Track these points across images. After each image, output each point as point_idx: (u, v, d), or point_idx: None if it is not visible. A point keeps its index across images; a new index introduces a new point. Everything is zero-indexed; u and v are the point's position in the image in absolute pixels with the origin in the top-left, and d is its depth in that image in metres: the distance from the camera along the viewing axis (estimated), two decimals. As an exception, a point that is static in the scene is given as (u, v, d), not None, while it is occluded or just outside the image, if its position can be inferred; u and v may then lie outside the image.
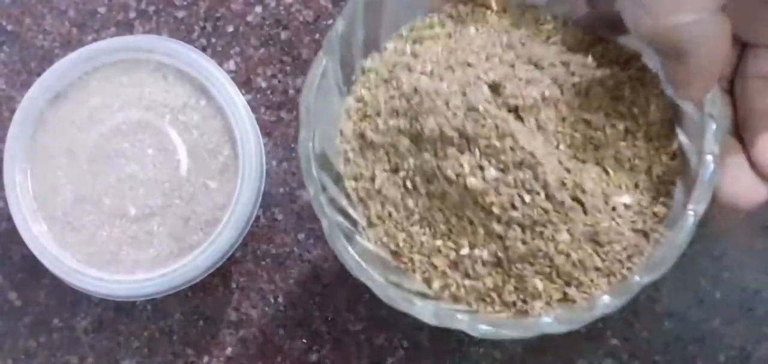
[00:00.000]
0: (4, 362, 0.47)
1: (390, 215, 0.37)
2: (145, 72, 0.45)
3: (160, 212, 0.44)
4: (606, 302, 0.35)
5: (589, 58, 0.37)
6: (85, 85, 0.44)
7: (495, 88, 0.36)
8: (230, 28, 0.49)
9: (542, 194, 0.35)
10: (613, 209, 0.36)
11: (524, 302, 0.36)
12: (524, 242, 0.35)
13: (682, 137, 0.37)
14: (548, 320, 0.35)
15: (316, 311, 0.47)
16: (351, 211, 0.37)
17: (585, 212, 0.35)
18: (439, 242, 0.36)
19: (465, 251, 0.36)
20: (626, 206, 0.36)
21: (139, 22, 0.49)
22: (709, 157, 0.34)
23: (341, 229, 0.36)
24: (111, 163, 0.44)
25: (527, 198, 0.35)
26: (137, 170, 0.44)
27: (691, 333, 0.47)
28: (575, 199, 0.35)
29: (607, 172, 0.36)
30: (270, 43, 0.49)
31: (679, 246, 0.34)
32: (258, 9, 0.49)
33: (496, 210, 0.35)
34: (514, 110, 0.36)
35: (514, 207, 0.35)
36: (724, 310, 0.47)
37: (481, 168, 0.35)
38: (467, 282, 0.36)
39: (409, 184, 0.37)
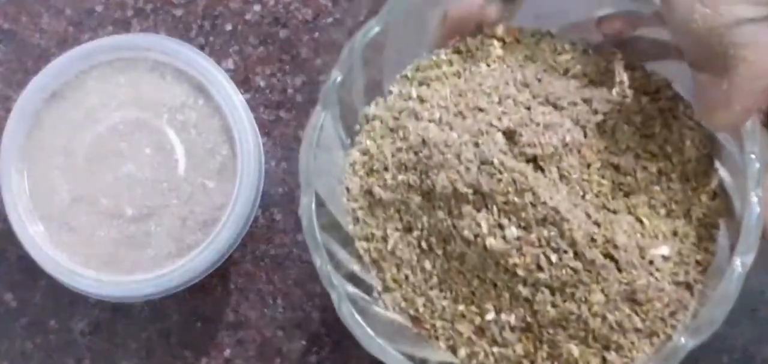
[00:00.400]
0: (0, 364, 0.47)
1: (407, 278, 0.34)
2: (142, 71, 0.44)
3: (158, 213, 0.43)
4: None
5: (614, 92, 0.34)
6: (81, 84, 0.44)
7: (510, 135, 0.33)
8: (228, 27, 0.49)
9: (570, 253, 0.32)
10: (651, 262, 0.32)
11: None
12: (554, 305, 0.32)
13: (722, 173, 0.33)
14: None
15: (315, 313, 0.47)
16: (364, 276, 0.35)
17: (619, 269, 0.32)
18: (461, 307, 0.34)
19: (490, 315, 0.33)
20: (665, 258, 0.33)
21: (137, 21, 0.49)
22: (755, 200, 0.31)
23: (353, 299, 0.33)
24: (108, 163, 0.44)
25: (554, 258, 0.32)
26: (134, 170, 0.44)
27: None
28: (607, 255, 0.32)
29: (640, 222, 0.33)
30: (269, 41, 0.49)
31: (728, 300, 0.31)
32: (256, 7, 0.49)
33: (520, 272, 0.32)
34: (533, 160, 0.33)
35: (539, 268, 0.32)
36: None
37: (501, 227, 0.32)
38: (496, 349, 0.33)
39: (424, 244, 0.34)
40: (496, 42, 0.36)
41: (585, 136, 0.33)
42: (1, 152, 0.43)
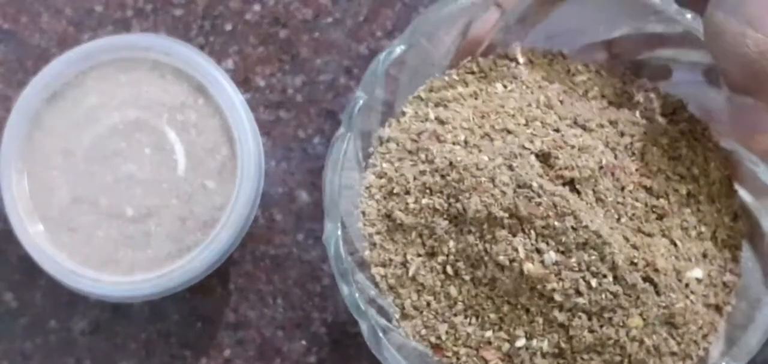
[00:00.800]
0: (0, 364, 0.47)
1: (428, 304, 0.33)
2: (142, 71, 0.44)
3: (158, 213, 0.43)
4: None
5: (637, 114, 0.34)
6: (81, 84, 0.44)
7: (545, 158, 0.32)
8: (228, 27, 0.49)
9: (610, 277, 0.31)
10: (687, 285, 0.32)
11: None
12: (591, 331, 0.32)
13: (743, 194, 0.33)
14: None
15: (315, 313, 0.47)
16: (381, 301, 0.34)
17: (658, 293, 0.32)
18: (488, 333, 0.33)
19: (521, 342, 0.32)
20: (698, 280, 0.32)
21: (137, 21, 0.49)
22: None
23: (378, 325, 0.32)
24: (108, 163, 0.43)
25: (594, 282, 0.31)
26: (134, 170, 0.43)
27: None
28: (647, 279, 0.32)
29: (675, 244, 0.33)
30: (269, 41, 0.49)
31: (765, 326, 0.31)
32: (256, 7, 0.49)
33: (557, 297, 0.31)
34: (570, 183, 0.32)
35: (578, 293, 0.31)
36: (728, 311, 0.46)
37: (539, 251, 0.31)
38: None
39: (449, 269, 0.33)
40: (510, 62, 0.36)
41: (616, 158, 0.33)
42: (1, 152, 0.43)
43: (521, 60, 0.36)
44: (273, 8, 0.49)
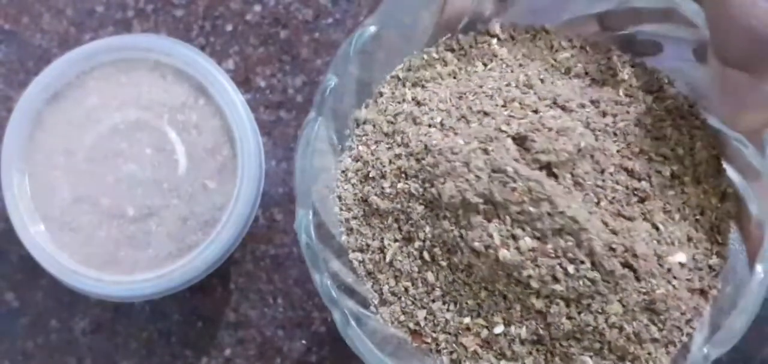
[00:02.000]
0: (2, 363, 0.47)
1: (406, 290, 0.33)
2: (143, 71, 0.44)
3: (159, 213, 0.43)
4: None
5: (621, 92, 0.33)
6: (82, 85, 0.44)
7: (521, 141, 0.31)
8: (229, 27, 0.49)
9: (588, 263, 0.30)
10: (669, 270, 0.31)
11: None
12: (569, 318, 0.31)
13: (731, 174, 0.32)
14: None
15: (315, 312, 0.47)
16: (359, 288, 0.33)
17: (638, 279, 0.31)
18: (467, 320, 0.32)
19: (499, 329, 0.32)
20: (682, 265, 0.31)
21: (138, 21, 0.49)
22: None
23: (352, 313, 0.31)
24: (109, 163, 0.44)
25: (571, 269, 0.30)
26: (135, 170, 0.44)
27: None
28: (626, 265, 0.30)
29: (656, 228, 0.31)
30: (269, 42, 0.49)
31: (750, 309, 0.30)
32: (257, 8, 0.49)
33: (534, 284, 0.30)
34: (547, 167, 0.31)
35: (555, 280, 0.30)
36: (727, 311, 0.46)
37: (514, 237, 0.30)
38: (504, 363, 0.32)
39: (426, 255, 0.32)
40: (491, 39, 0.35)
41: (596, 139, 0.32)
42: (3, 153, 0.43)
43: (502, 37, 0.35)
44: (273, 9, 0.49)
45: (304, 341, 0.47)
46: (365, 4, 0.49)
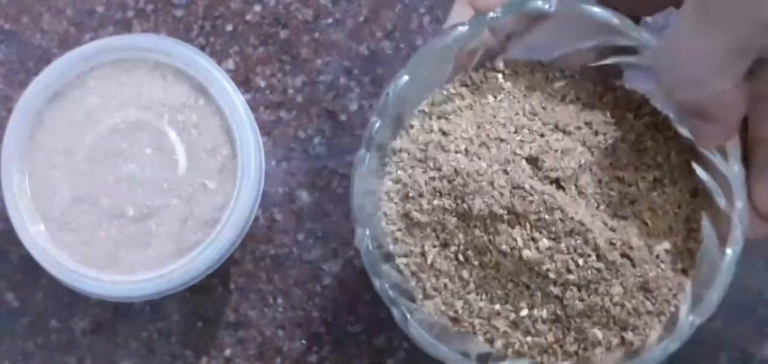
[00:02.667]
0: (2, 363, 0.47)
1: (445, 286, 0.39)
2: (143, 71, 0.44)
3: (159, 213, 0.43)
4: (666, 346, 0.38)
5: (609, 115, 0.40)
6: (82, 85, 0.44)
7: (533, 162, 0.38)
8: (229, 27, 0.49)
9: (593, 256, 0.38)
10: (657, 256, 0.38)
11: (585, 349, 0.39)
12: (581, 300, 0.38)
13: (700, 173, 0.39)
14: None
15: (315, 312, 0.47)
16: (405, 286, 0.39)
17: (634, 265, 0.38)
18: (497, 307, 0.39)
19: (524, 312, 0.39)
20: (667, 251, 0.39)
21: (138, 21, 0.49)
22: (739, 203, 0.37)
23: (406, 307, 0.38)
24: (109, 163, 0.44)
25: (581, 262, 0.38)
26: (135, 170, 0.44)
27: (692, 334, 0.46)
28: (624, 255, 0.38)
29: (646, 224, 0.39)
30: (269, 42, 0.49)
31: (724, 284, 0.37)
32: (257, 8, 0.49)
33: (552, 275, 0.38)
34: (556, 181, 0.38)
35: (569, 271, 0.38)
36: (726, 310, 0.46)
37: (534, 240, 0.38)
38: (529, 339, 0.39)
39: (461, 257, 0.39)
40: (497, 74, 0.41)
41: (592, 156, 0.39)
42: (3, 152, 0.43)
43: (507, 72, 0.41)
44: (273, 9, 0.49)
45: (304, 341, 0.47)
46: (365, 4, 0.49)
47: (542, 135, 0.39)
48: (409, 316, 0.38)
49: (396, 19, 0.49)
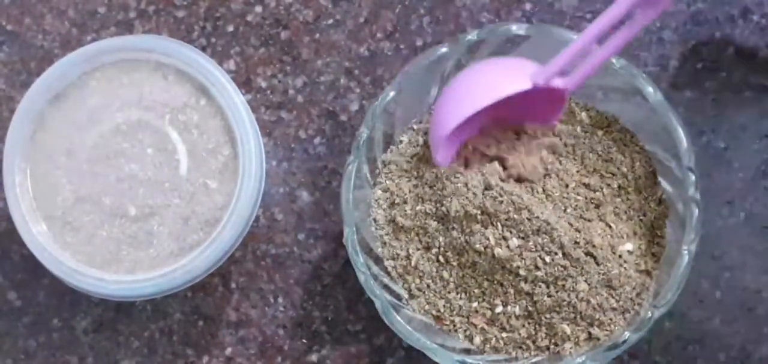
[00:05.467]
0: (4, 362, 0.47)
1: (428, 286, 0.43)
2: (144, 72, 0.45)
3: (160, 212, 0.44)
4: (628, 337, 0.41)
5: (578, 129, 0.44)
6: (84, 85, 0.44)
7: (501, 161, 0.42)
8: (230, 28, 0.49)
9: (560, 254, 0.41)
10: (620, 256, 0.42)
11: (556, 344, 0.42)
12: (550, 296, 0.41)
13: (665, 185, 0.43)
14: (580, 360, 0.41)
15: (316, 312, 0.47)
16: (393, 286, 0.43)
17: (597, 263, 0.41)
18: (475, 304, 0.42)
19: (499, 309, 0.42)
20: (629, 252, 0.42)
21: (139, 22, 0.49)
22: (694, 205, 0.41)
23: (390, 303, 0.41)
24: (111, 163, 0.44)
25: (548, 259, 0.41)
26: (137, 170, 0.44)
27: (691, 333, 0.47)
28: (588, 253, 0.41)
29: (609, 226, 0.42)
30: (270, 42, 0.49)
31: (681, 279, 0.41)
32: (258, 9, 0.49)
33: (522, 272, 0.41)
34: (520, 181, 0.42)
35: (537, 268, 0.41)
36: (725, 310, 0.47)
37: (505, 239, 0.41)
38: (504, 335, 0.42)
39: (441, 258, 0.42)
40: None
41: (560, 163, 0.43)
42: (5, 153, 0.44)
43: None
44: (274, 10, 0.49)
45: (304, 340, 0.47)
46: (365, 6, 0.49)
47: (510, 140, 0.43)
48: (390, 309, 0.41)
49: (396, 20, 0.49)
